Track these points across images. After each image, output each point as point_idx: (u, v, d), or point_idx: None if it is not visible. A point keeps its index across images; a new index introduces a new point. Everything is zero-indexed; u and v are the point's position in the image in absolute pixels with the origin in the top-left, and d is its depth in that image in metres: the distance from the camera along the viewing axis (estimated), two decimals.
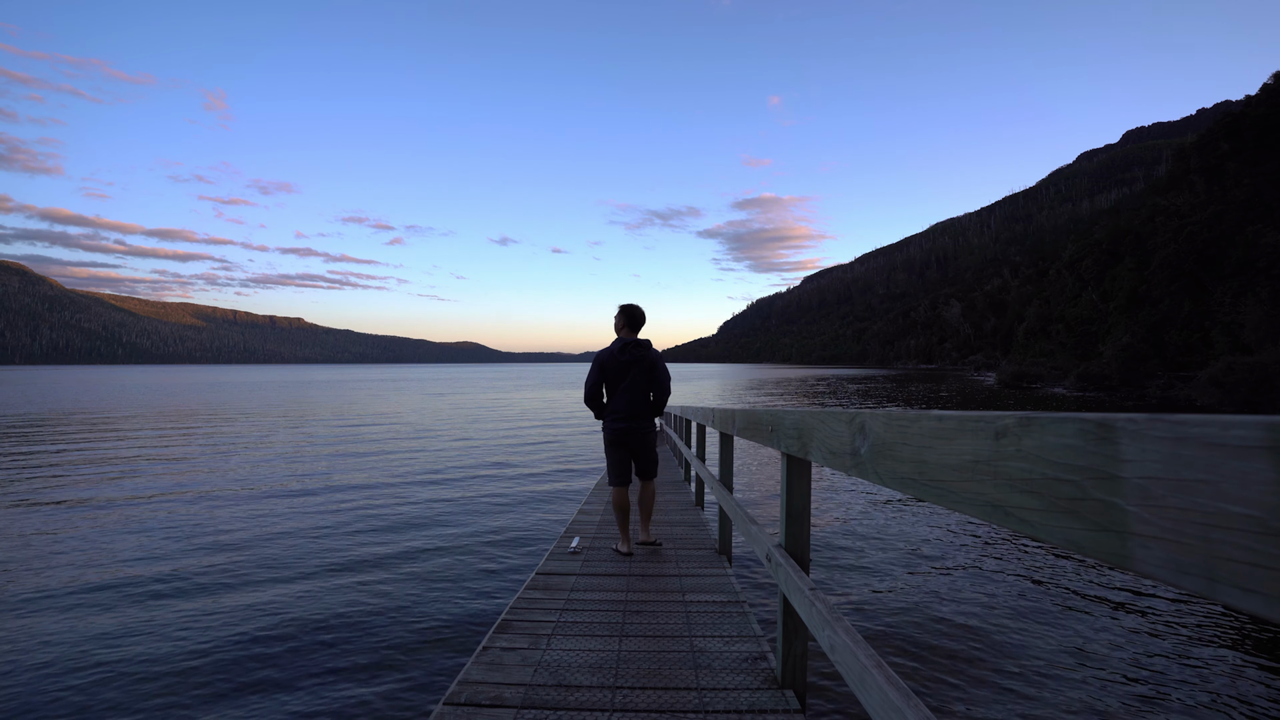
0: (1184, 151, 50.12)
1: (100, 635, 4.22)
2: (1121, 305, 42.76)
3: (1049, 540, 0.65)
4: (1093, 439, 0.58)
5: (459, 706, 2.12)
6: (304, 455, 13.33)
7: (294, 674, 3.70)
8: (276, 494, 9.13)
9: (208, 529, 7.12)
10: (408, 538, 6.74)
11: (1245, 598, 0.42)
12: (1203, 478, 0.46)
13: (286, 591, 5.09)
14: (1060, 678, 3.69)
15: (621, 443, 4.10)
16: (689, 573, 3.76)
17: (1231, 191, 38.05)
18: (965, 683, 3.63)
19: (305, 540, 6.64)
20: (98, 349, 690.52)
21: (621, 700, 2.17)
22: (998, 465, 0.75)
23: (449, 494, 9.20)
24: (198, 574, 5.53)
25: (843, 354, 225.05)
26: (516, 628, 2.85)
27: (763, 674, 2.37)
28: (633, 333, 4.16)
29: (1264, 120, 39.02)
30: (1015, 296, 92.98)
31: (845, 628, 1.49)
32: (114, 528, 7.15)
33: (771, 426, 2.12)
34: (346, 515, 7.79)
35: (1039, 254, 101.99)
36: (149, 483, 10.01)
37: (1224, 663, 3.89)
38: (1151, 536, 0.51)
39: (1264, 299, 27.54)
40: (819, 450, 1.56)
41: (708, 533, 4.86)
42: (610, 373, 4.05)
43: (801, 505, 2.09)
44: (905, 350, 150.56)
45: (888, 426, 1.09)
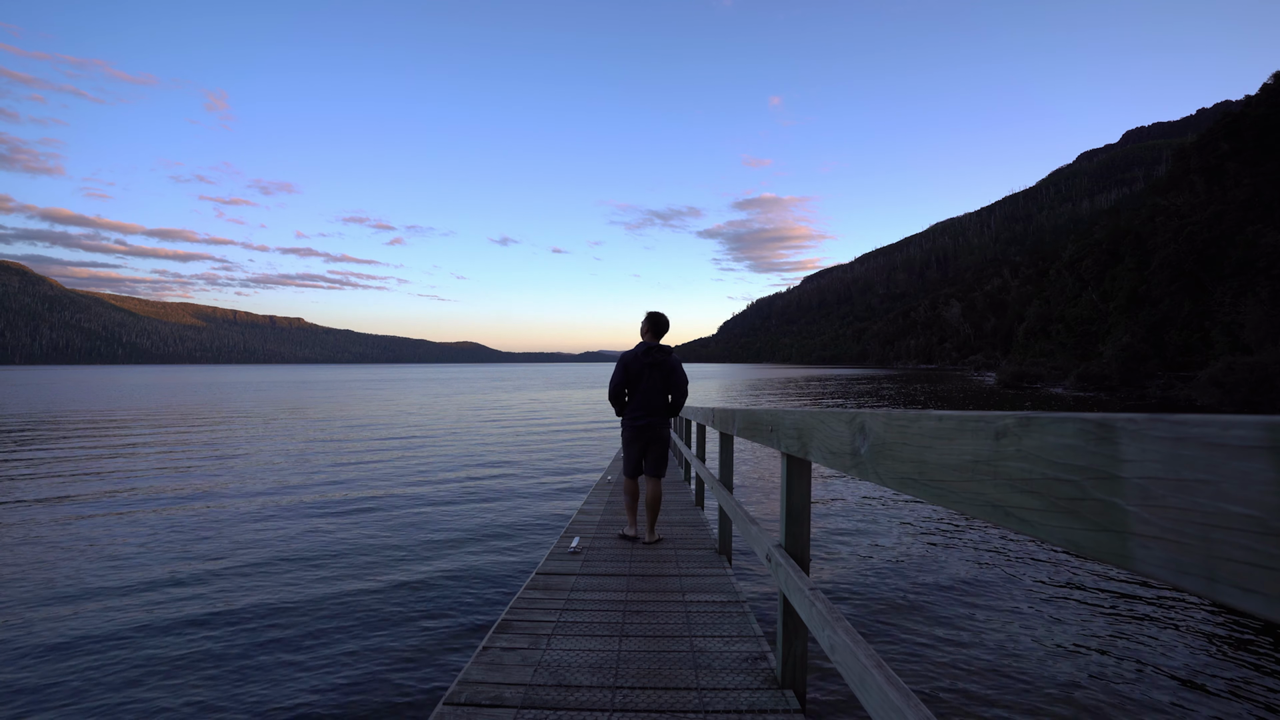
0: (1184, 151, 50.12)
1: (98, 632, 4.22)
2: (1121, 305, 42.76)
3: (1049, 540, 0.65)
4: (1093, 439, 0.58)
5: (459, 706, 2.12)
6: (303, 455, 13.33)
7: (293, 674, 3.70)
8: (276, 494, 9.13)
9: (208, 530, 7.12)
10: (407, 538, 6.73)
11: (1245, 598, 0.42)
12: (1203, 478, 0.46)
13: (286, 591, 5.09)
14: (1060, 677, 3.69)
15: (638, 438, 4.44)
16: (689, 573, 3.76)
17: (1231, 191, 38.05)
18: (965, 682, 3.63)
19: (305, 541, 6.64)
20: (98, 349, 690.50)
21: (621, 700, 2.17)
22: (998, 465, 0.75)
23: (449, 494, 9.20)
24: (198, 574, 5.52)
25: (843, 354, 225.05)
26: (516, 628, 2.85)
27: (763, 674, 2.37)
28: (656, 338, 4.49)
29: (1264, 120, 39.01)
30: (1015, 296, 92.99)
31: (845, 628, 1.49)
32: (112, 527, 7.15)
33: (771, 426, 2.12)
34: (346, 515, 7.79)
35: (1039, 254, 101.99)
36: (149, 482, 10.01)
37: (1224, 662, 3.89)
38: (1151, 536, 0.51)
39: (1264, 299, 27.54)
40: (819, 450, 1.56)
41: (708, 533, 4.86)
42: (633, 373, 4.40)
43: (801, 505, 2.09)
44: (905, 350, 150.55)
45: (888, 426, 1.09)
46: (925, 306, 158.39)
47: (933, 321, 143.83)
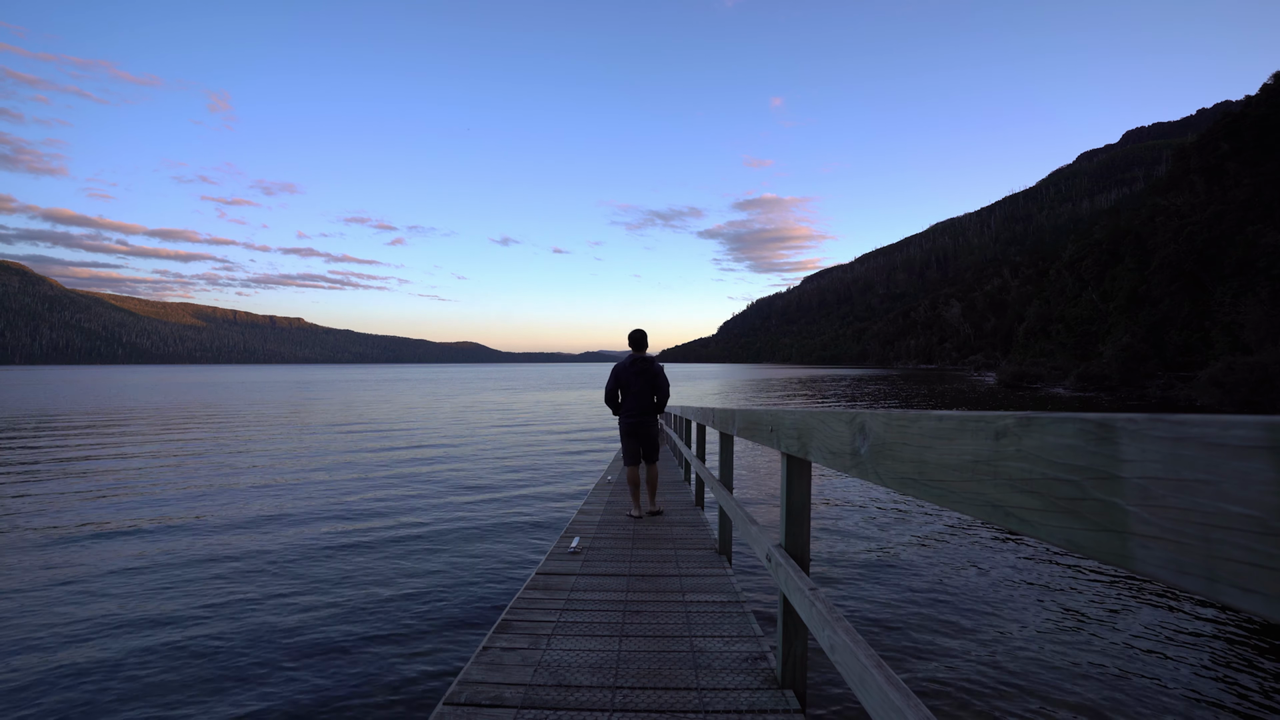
0: (1184, 151, 50.10)
1: (100, 627, 4.22)
2: (1121, 305, 42.76)
3: (1049, 540, 0.65)
4: (1093, 439, 0.58)
5: (459, 706, 2.12)
6: (300, 457, 13.33)
7: (293, 673, 3.70)
8: (276, 495, 9.14)
9: (207, 530, 7.12)
10: (407, 538, 6.74)
11: (1245, 598, 0.42)
12: (1203, 478, 0.46)
13: (286, 592, 5.09)
14: (1061, 677, 3.69)
15: (632, 433, 5.35)
16: (689, 573, 3.76)
17: (1231, 191, 38.04)
18: (965, 682, 3.63)
19: (304, 541, 6.64)
20: (97, 349, 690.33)
21: (621, 700, 2.17)
22: (998, 465, 0.75)
23: (448, 494, 9.20)
24: (198, 574, 5.52)
25: (843, 354, 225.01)
26: (516, 628, 2.85)
27: (763, 674, 2.37)
28: (639, 350, 5.39)
29: (1264, 120, 38.98)
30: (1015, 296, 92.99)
31: (845, 627, 1.49)
32: (113, 528, 7.15)
33: (771, 426, 2.12)
34: (345, 516, 7.79)
35: (1039, 254, 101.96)
36: (150, 482, 10.01)
37: (1225, 662, 3.89)
38: (1151, 536, 0.51)
39: (1264, 299, 27.52)
40: (819, 450, 1.56)
41: (708, 533, 4.86)
42: (624, 380, 5.30)
43: (801, 505, 2.09)
44: (905, 350, 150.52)
45: (888, 426, 1.09)
46: (925, 306, 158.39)
47: (933, 321, 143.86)
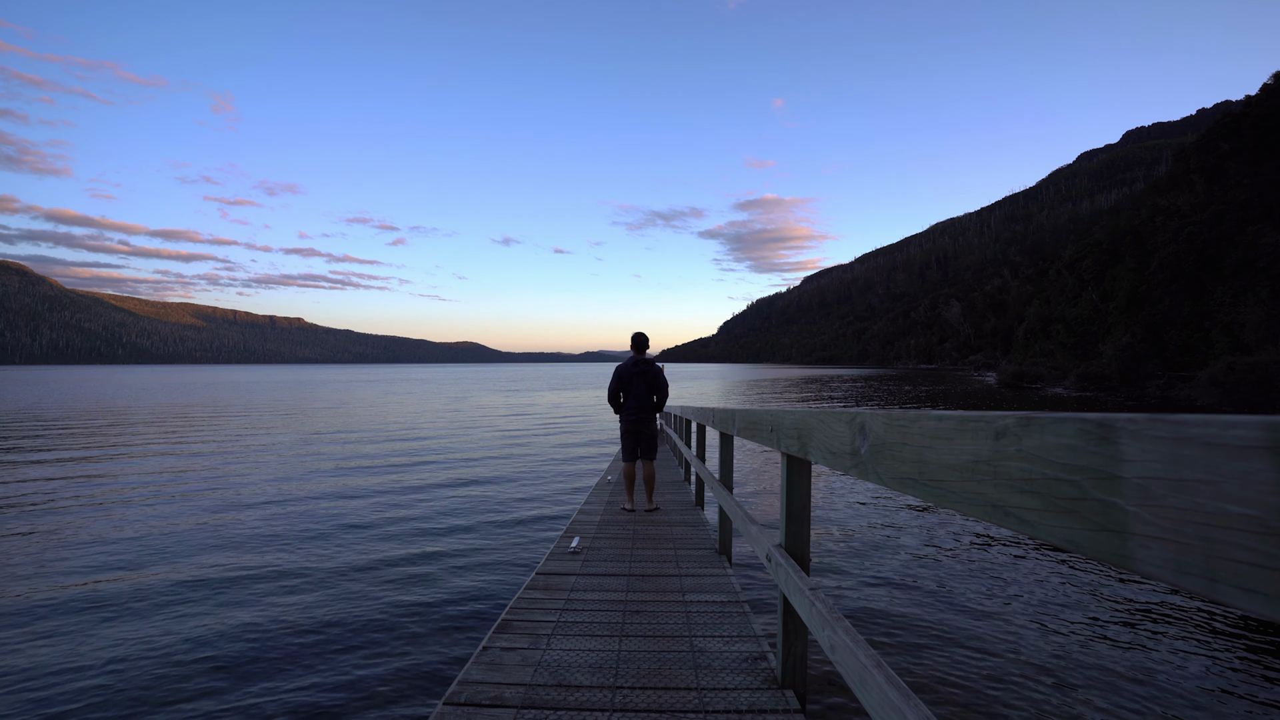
0: (1184, 151, 50.11)
1: (105, 634, 4.22)
2: (1121, 305, 42.76)
3: (1049, 540, 0.65)
4: (1093, 439, 0.58)
5: (459, 706, 2.12)
6: (300, 458, 13.33)
7: (294, 673, 3.70)
8: (276, 496, 9.13)
9: (206, 531, 7.12)
10: (407, 538, 6.73)
11: (1245, 598, 0.42)
12: (1203, 478, 0.46)
13: (287, 592, 5.09)
14: (1061, 677, 3.69)
15: (632, 430, 5.62)
16: (689, 573, 3.76)
17: (1231, 191, 38.03)
18: (965, 682, 3.63)
19: (304, 542, 6.64)
20: (97, 349, 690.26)
21: (621, 700, 2.17)
22: (998, 465, 0.75)
23: (448, 494, 9.20)
24: (197, 575, 5.52)
25: (843, 354, 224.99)
26: (516, 628, 2.84)
27: (763, 674, 2.37)
28: (640, 352, 5.68)
29: (1264, 120, 38.98)
30: (1015, 296, 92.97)
31: (845, 627, 1.49)
32: (114, 528, 7.15)
33: (771, 426, 2.12)
34: (344, 517, 7.79)
35: (1039, 254, 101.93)
36: (151, 483, 10.01)
37: (1225, 662, 3.89)
38: (1151, 536, 0.51)
39: (1264, 299, 27.52)
40: (819, 450, 1.56)
41: (708, 533, 4.86)
42: (626, 380, 5.60)
43: (801, 505, 2.09)
44: (905, 350, 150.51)
45: (888, 426, 1.09)
46: (925, 306, 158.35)
47: (933, 321, 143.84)
